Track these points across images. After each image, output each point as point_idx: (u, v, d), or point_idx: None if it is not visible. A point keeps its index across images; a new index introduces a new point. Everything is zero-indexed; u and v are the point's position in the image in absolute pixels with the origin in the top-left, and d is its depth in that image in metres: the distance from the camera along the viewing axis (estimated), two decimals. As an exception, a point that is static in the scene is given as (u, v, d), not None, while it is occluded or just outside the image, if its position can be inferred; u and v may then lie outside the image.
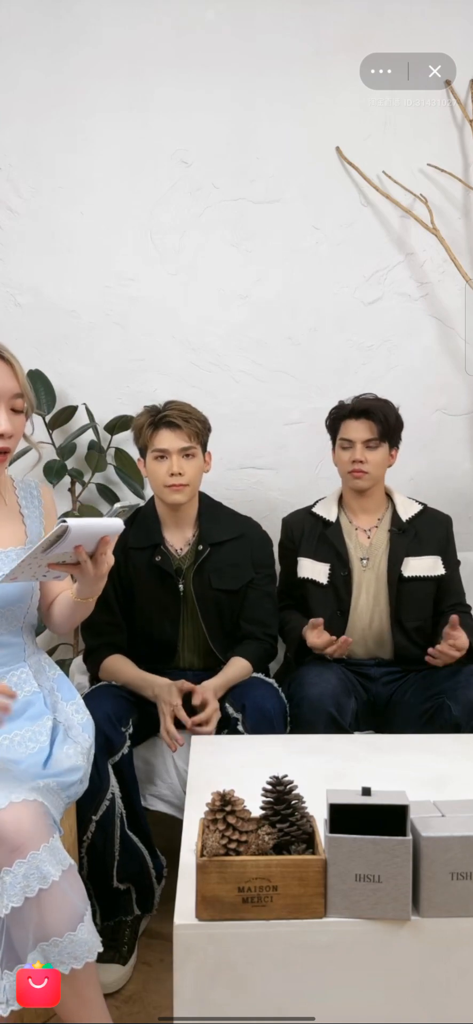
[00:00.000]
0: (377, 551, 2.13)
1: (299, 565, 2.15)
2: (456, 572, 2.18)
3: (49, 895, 1.26)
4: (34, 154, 2.53)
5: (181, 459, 1.97)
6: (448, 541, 2.19)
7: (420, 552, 2.12)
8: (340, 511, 2.19)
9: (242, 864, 1.12)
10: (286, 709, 1.93)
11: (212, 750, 1.74)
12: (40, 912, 1.26)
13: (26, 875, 1.26)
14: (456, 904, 1.13)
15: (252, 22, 2.52)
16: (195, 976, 1.12)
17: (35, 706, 1.56)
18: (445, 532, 2.19)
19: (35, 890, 1.26)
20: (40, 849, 1.28)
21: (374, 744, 1.83)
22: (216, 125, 2.55)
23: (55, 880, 1.27)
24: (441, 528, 2.19)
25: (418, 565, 2.11)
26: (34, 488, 1.70)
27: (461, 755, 1.67)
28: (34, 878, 1.26)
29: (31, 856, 1.27)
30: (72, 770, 1.52)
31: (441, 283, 2.61)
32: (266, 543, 2.16)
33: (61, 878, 1.28)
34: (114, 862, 1.79)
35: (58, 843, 1.33)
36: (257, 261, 2.59)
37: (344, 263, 2.60)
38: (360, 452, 2.10)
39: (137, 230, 2.57)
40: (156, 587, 2.01)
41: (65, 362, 2.58)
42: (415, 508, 2.19)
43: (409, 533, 2.14)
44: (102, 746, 1.75)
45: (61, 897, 1.28)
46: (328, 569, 2.11)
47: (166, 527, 2.07)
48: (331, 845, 1.12)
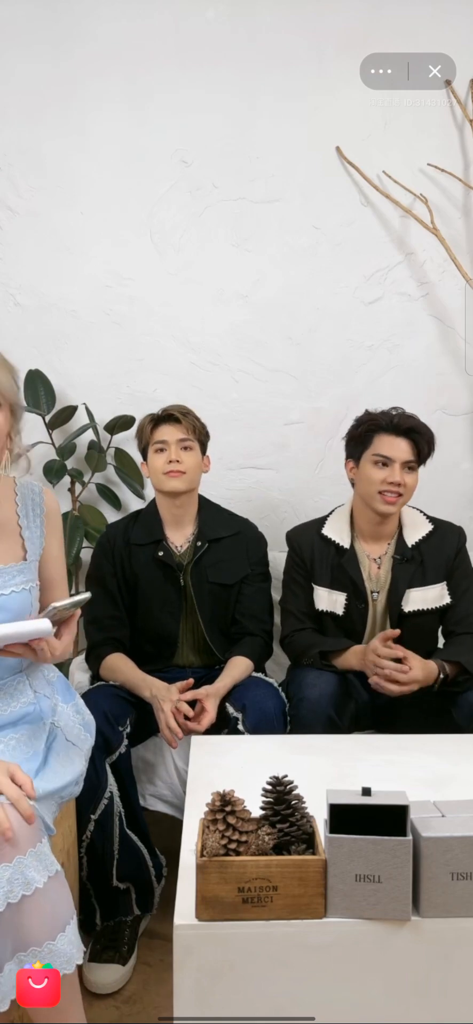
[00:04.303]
0: (384, 583, 2.01)
1: (316, 595, 2.04)
2: (467, 595, 2.02)
3: (31, 902, 1.24)
4: (34, 153, 2.53)
5: (179, 449, 2.04)
6: (458, 558, 2.02)
7: (424, 582, 1.99)
8: (353, 536, 2.05)
9: (242, 864, 1.12)
10: (286, 709, 1.93)
11: (212, 750, 1.73)
12: (20, 919, 1.24)
13: (10, 880, 1.23)
14: (456, 904, 1.13)
15: (252, 21, 2.51)
16: (195, 976, 1.12)
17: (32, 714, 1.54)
18: (454, 550, 2.02)
19: (18, 896, 1.23)
20: (27, 854, 1.26)
21: (374, 744, 1.83)
22: (216, 124, 2.54)
23: (39, 887, 1.25)
24: (449, 547, 2.02)
25: (420, 597, 1.98)
26: (37, 493, 1.63)
27: (461, 755, 1.67)
28: (18, 883, 1.23)
29: (17, 861, 1.25)
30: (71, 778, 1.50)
31: (441, 283, 2.61)
32: (261, 542, 2.19)
33: (46, 885, 1.26)
34: (113, 861, 1.79)
35: (46, 848, 1.31)
36: (257, 261, 2.59)
37: (344, 263, 2.60)
38: (399, 474, 1.92)
39: (137, 230, 2.57)
40: (158, 581, 2.05)
41: (65, 362, 2.58)
42: (424, 529, 2.04)
43: (414, 561, 1.99)
44: (100, 745, 1.76)
45: (44, 905, 1.25)
46: (344, 599, 2.00)
47: (167, 525, 2.12)
48: (331, 845, 1.12)
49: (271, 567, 2.26)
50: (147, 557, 2.07)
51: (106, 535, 2.16)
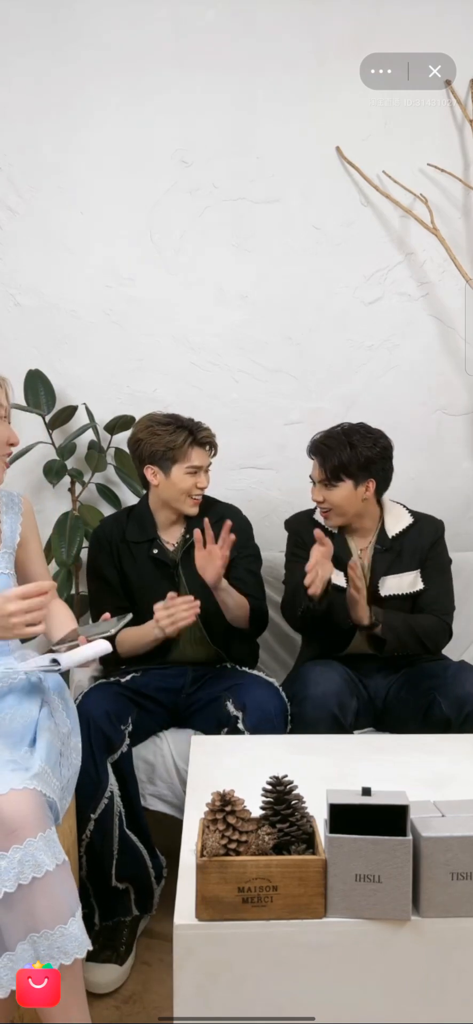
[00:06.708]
0: (367, 572, 2.10)
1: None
2: (438, 583, 2.09)
3: (42, 885, 1.27)
4: (34, 154, 2.53)
5: (206, 473, 2.10)
6: (433, 549, 2.11)
7: (400, 569, 2.07)
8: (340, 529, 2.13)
9: (242, 864, 1.12)
10: (287, 708, 1.93)
11: (212, 750, 1.74)
12: (32, 901, 1.26)
13: (21, 861, 1.26)
14: (456, 904, 1.13)
15: (252, 22, 2.51)
16: (195, 976, 1.12)
17: (23, 685, 1.62)
18: (430, 541, 2.11)
19: (29, 878, 1.26)
20: (37, 837, 1.28)
21: (374, 744, 1.84)
22: (216, 125, 2.54)
23: (49, 871, 1.28)
24: (426, 538, 2.11)
25: (395, 584, 2.06)
26: (16, 496, 1.83)
27: (461, 755, 1.67)
28: (29, 865, 1.26)
29: (27, 843, 1.27)
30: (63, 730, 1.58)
31: (441, 283, 2.61)
32: (246, 525, 2.20)
33: (55, 871, 1.29)
34: (113, 861, 1.79)
35: (54, 835, 1.33)
36: (257, 261, 2.59)
37: (344, 263, 2.60)
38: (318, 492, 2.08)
39: (137, 230, 2.57)
40: (153, 577, 2.06)
41: (65, 362, 2.58)
42: (405, 522, 2.13)
43: (393, 550, 2.09)
44: (102, 744, 1.76)
45: (54, 889, 1.28)
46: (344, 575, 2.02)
47: (161, 527, 2.13)
48: (331, 845, 1.12)
49: (271, 566, 2.27)
50: (142, 554, 2.09)
51: (101, 529, 2.17)
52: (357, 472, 2.04)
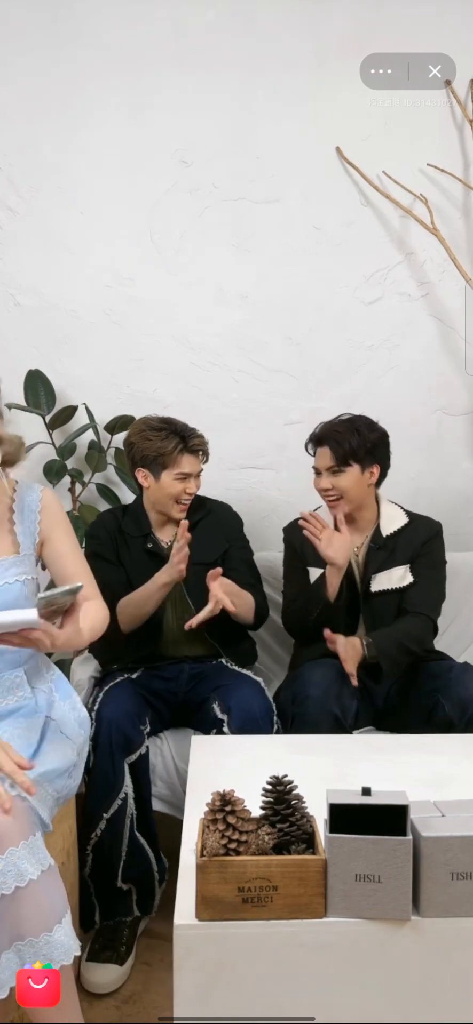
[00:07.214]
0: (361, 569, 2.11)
1: (312, 576, 2.10)
2: (427, 578, 2.09)
3: (26, 893, 1.25)
4: (34, 154, 2.53)
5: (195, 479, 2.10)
6: (426, 546, 2.11)
7: (391, 565, 2.08)
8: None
9: (242, 864, 1.12)
10: (272, 708, 1.94)
11: (212, 750, 1.74)
12: (16, 910, 1.25)
13: (3, 871, 1.25)
14: (456, 904, 1.13)
15: (252, 22, 2.51)
16: (195, 976, 1.12)
17: (27, 707, 1.56)
18: (422, 540, 2.11)
19: (11, 887, 1.25)
20: (19, 846, 1.27)
21: (374, 744, 1.84)
22: (216, 125, 2.54)
23: (33, 879, 1.26)
24: (419, 537, 2.11)
25: (385, 578, 2.07)
26: (35, 491, 1.68)
27: (461, 755, 1.67)
28: (11, 875, 1.25)
29: (9, 852, 1.26)
30: (60, 766, 1.50)
31: (441, 283, 2.61)
32: (235, 519, 2.24)
33: (40, 878, 1.27)
34: (120, 862, 1.79)
35: (40, 842, 1.32)
36: (257, 261, 2.59)
37: (344, 263, 2.60)
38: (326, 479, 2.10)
39: (137, 230, 2.57)
40: (148, 570, 2.05)
41: (65, 362, 2.58)
42: (400, 522, 2.14)
43: (386, 548, 2.10)
44: (121, 744, 1.77)
45: (39, 897, 1.27)
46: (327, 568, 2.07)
47: (154, 526, 2.16)
48: (331, 845, 1.12)
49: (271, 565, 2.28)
50: (137, 547, 2.11)
51: (99, 519, 2.20)
52: (364, 456, 2.07)
